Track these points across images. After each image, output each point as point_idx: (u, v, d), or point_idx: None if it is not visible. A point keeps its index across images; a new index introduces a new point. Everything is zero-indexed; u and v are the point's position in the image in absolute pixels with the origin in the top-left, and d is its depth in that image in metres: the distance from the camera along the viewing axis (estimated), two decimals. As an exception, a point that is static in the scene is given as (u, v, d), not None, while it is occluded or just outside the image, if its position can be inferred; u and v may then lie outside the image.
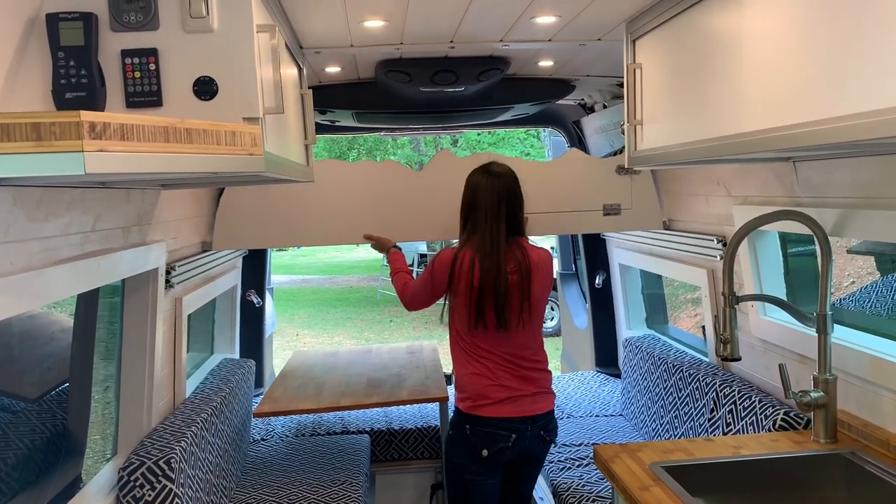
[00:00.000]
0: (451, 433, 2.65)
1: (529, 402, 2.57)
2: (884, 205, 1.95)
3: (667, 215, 3.35)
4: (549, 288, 2.67)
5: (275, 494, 2.95)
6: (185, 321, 2.85)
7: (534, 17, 2.17)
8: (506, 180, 2.56)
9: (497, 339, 2.56)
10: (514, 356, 2.57)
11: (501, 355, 2.56)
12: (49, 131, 1.05)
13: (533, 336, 2.62)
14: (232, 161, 1.43)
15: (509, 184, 2.56)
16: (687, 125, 1.95)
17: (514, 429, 2.54)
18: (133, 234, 2.32)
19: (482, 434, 2.54)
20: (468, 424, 2.56)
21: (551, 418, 2.64)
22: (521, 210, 2.60)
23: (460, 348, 2.63)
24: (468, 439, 2.56)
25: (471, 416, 2.55)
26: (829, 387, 2.10)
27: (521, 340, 2.58)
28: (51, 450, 2.35)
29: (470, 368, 2.58)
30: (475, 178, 2.60)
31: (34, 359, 2.44)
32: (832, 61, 1.32)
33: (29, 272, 1.62)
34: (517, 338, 2.57)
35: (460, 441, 2.59)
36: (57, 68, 1.43)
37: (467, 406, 2.57)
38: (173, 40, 1.52)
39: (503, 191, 2.54)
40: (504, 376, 2.55)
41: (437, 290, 2.65)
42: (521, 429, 2.55)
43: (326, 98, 3.15)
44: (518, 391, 2.55)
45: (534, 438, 2.59)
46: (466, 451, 2.57)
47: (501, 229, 2.53)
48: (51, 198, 1.71)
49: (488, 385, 2.54)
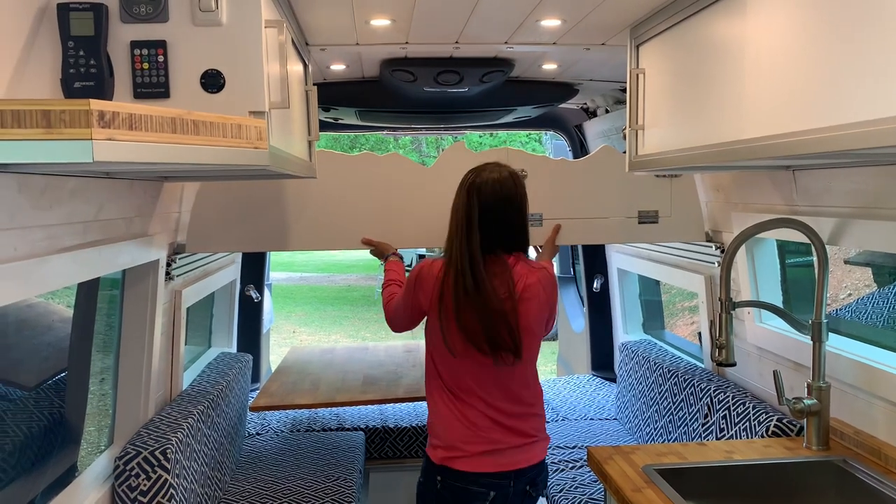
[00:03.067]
0: (421, 481, 2.29)
1: (515, 453, 2.20)
2: (881, 215, 1.97)
3: (710, 226, 2.96)
4: (545, 318, 2.27)
5: (269, 488, 2.96)
6: (184, 313, 2.86)
7: (539, 19, 2.19)
8: (494, 186, 2.18)
9: (479, 376, 2.18)
10: (501, 398, 2.19)
11: (483, 398, 2.18)
12: (59, 119, 1.07)
13: (523, 373, 2.23)
14: (237, 154, 1.44)
15: (501, 190, 2.18)
16: (688, 131, 1.96)
17: (493, 485, 2.18)
18: (135, 226, 2.33)
19: (454, 490, 2.19)
20: (439, 476, 2.20)
21: (541, 469, 2.27)
22: (515, 222, 2.21)
23: (435, 385, 2.25)
24: (438, 494, 2.21)
25: (443, 467, 2.19)
26: (823, 394, 2.11)
27: (509, 378, 2.19)
28: (47, 438, 2.36)
29: (445, 411, 2.21)
30: (469, 176, 2.25)
31: (32, 348, 2.45)
32: (834, 70, 1.34)
33: (32, 259, 1.64)
34: (504, 375, 2.18)
35: (429, 494, 2.24)
36: (66, 58, 1.45)
37: (440, 456, 2.20)
38: (182, 33, 1.54)
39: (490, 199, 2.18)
40: (486, 425, 2.18)
41: (415, 309, 2.28)
42: (503, 485, 2.19)
43: (330, 95, 3.15)
44: (500, 443, 2.18)
45: (517, 495, 2.22)
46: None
47: (474, 243, 2.15)
48: (55, 186, 1.72)
49: (466, 434, 2.17)
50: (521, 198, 2.22)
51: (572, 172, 2.96)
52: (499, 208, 2.18)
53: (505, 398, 2.20)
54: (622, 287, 4.06)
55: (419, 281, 2.23)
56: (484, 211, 2.17)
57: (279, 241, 2.86)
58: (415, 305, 2.27)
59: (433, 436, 2.25)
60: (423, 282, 2.23)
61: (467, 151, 2.90)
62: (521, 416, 2.22)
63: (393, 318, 2.39)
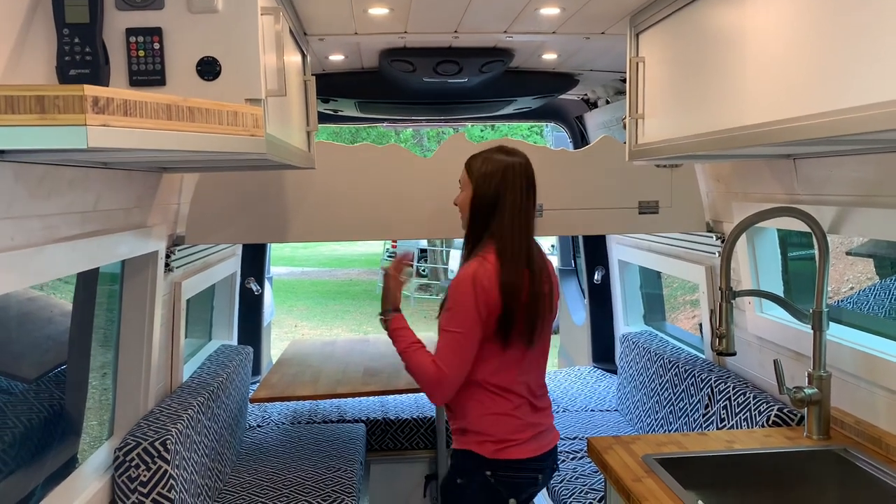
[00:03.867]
0: (461, 483, 2.16)
1: (549, 433, 2.23)
2: (881, 203, 1.96)
3: (711, 216, 2.95)
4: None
5: (269, 480, 2.97)
6: (183, 305, 2.86)
7: (538, 8, 2.18)
8: (529, 165, 2.15)
9: (521, 362, 2.15)
10: (531, 384, 2.19)
11: (521, 386, 2.16)
12: (53, 104, 1.06)
13: (544, 358, 2.26)
14: (233, 141, 1.43)
15: (531, 170, 2.16)
16: (688, 119, 1.95)
17: (540, 468, 2.19)
18: (134, 216, 2.33)
19: (509, 481, 2.14)
20: (489, 471, 2.13)
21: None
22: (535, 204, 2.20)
23: (476, 383, 2.13)
24: (492, 489, 2.13)
25: (496, 461, 2.12)
26: (823, 383, 2.11)
27: (536, 364, 2.21)
28: (48, 430, 2.36)
29: (493, 408, 2.13)
30: (497, 158, 2.14)
31: (32, 341, 2.46)
32: (833, 56, 1.33)
33: (30, 248, 1.63)
34: (533, 362, 2.19)
35: (479, 492, 2.14)
36: (62, 45, 1.44)
37: (491, 450, 2.12)
38: (178, 20, 1.53)
39: (531, 177, 2.14)
40: (527, 412, 2.17)
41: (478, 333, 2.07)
42: (545, 466, 2.21)
43: (330, 87, 3.14)
44: (539, 426, 2.19)
45: (550, 471, 2.26)
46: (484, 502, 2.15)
47: (531, 228, 2.13)
48: (53, 176, 1.72)
49: (515, 423, 2.14)
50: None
51: (572, 163, 2.95)
52: (532, 189, 2.17)
53: (535, 382, 2.21)
54: (623, 279, 4.05)
55: (480, 293, 2.05)
56: (533, 194, 2.16)
57: (279, 232, 2.86)
58: (479, 327, 2.06)
59: (478, 433, 2.14)
60: (486, 293, 2.06)
61: (467, 142, 2.89)
62: (543, 396, 2.25)
63: (440, 380, 2.08)
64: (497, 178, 2.12)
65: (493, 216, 2.12)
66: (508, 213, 2.11)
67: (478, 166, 2.17)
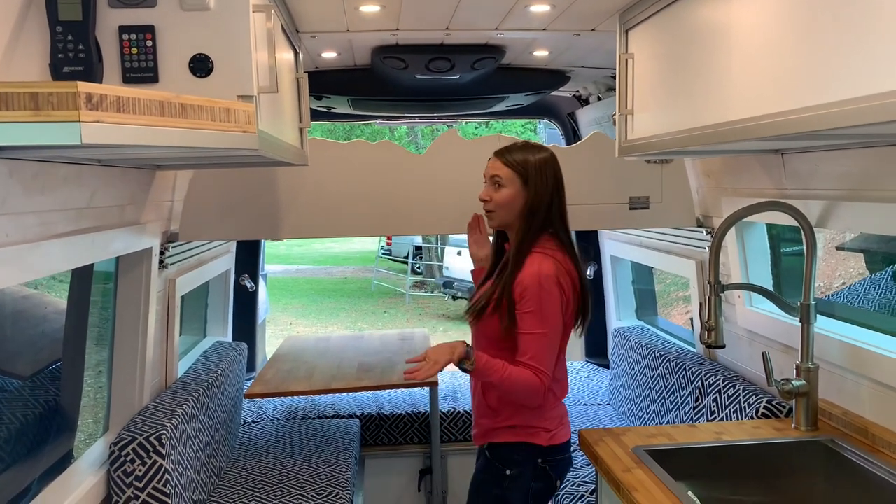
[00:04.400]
0: (511, 474, 2.20)
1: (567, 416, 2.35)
2: (867, 196, 1.99)
3: (701, 211, 2.99)
4: None
5: (265, 474, 2.99)
6: (178, 302, 2.88)
7: (528, 5, 2.20)
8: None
9: (562, 355, 2.27)
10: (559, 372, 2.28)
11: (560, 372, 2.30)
12: (47, 101, 1.08)
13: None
14: (226, 137, 1.45)
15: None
16: (676, 114, 1.97)
17: (571, 448, 2.33)
18: (128, 213, 2.34)
19: (558, 464, 2.25)
20: (541, 458, 2.21)
21: None
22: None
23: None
24: (545, 475, 2.22)
25: (549, 447, 2.21)
26: (811, 375, 2.14)
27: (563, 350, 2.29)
28: (43, 426, 2.38)
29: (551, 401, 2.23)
30: (542, 155, 2.20)
31: (27, 339, 2.47)
32: (818, 51, 1.35)
33: (25, 244, 1.65)
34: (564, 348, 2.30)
35: (531, 481, 2.21)
36: (55, 42, 1.45)
37: (546, 438, 2.21)
38: (170, 18, 1.55)
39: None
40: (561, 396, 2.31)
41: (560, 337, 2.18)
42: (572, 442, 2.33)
43: (322, 84, 3.15)
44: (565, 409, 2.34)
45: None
46: (542, 491, 2.24)
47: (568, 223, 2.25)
48: (47, 172, 1.73)
49: (562, 410, 2.30)
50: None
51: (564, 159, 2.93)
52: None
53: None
54: (615, 274, 4.08)
55: (564, 290, 2.13)
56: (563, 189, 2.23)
57: (272, 229, 2.88)
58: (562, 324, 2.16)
59: (532, 425, 2.20)
60: (567, 289, 2.14)
61: (459, 139, 2.92)
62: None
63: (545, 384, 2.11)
64: (551, 174, 2.19)
65: (551, 211, 2.18)
66: (563, 206, 2.21)
67: (532, 164, 2.18)
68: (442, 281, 13.97)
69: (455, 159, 2.80)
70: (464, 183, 2.65)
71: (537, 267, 2.10)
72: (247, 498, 2.79)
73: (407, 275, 15.45)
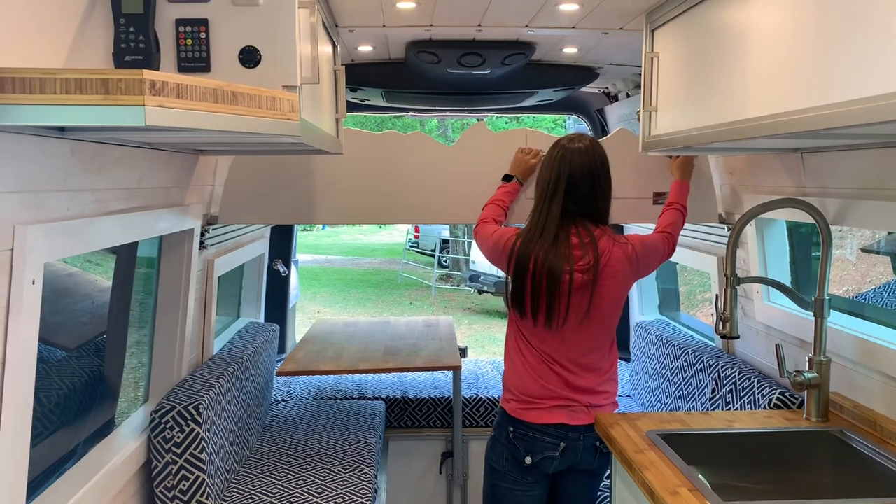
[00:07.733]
0: (493, 435, 2.46)
1: (584, 411, 2.35)
2: (884, 195, 2.04)
3: (724, 208, 3.01)
4: (628, 289, 2.44)
5: (293, 449, 3.12)
6: (215, 282, 3.02)
7: (557, 4, 2.28)
8: (583, 157, 2.35)
9: (546, 337, 2.35)
10: (569, 360, 2.35)
11: (557, 360, 2.35)
12: (116, 86, 1.20)
13: (596, 341, 2.38)
14: (271, 124, 1.57)
15: (583, 161, 2.34)
16: (698, 111, 2.05)
17: (563, 437, 2.34)
18: (172, 195, 2.48)
19: (526, 439, 2.35)
20: (511, 427, 2.38)
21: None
22: (600, 193, 2.36)
23: (513, 343, 2.43)
24: (511, 443, 2.38)
25: (515, 419, 2.37)
26: (823, 368, 2.20)
27: (578, 343, 2.35)
28: (87, 393, 2.52)
29: (518, 363, 2.39)
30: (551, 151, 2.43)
31: (72, 313, 2.62)
32: (835, 51, 1.40)
33: (82, 219, 1.78)
34: (574, 339, 2.34)
35: (501, 445, 2.41)
36: (118, 34, 1.58)
37: (513, 408, 2.38)
38: (223, 12, 1.67)
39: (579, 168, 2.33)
40: (554, 380, 2.34)
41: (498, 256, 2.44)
42: (573, 437, 2.34)
43: (357, 76, 3.25)
44: (571, 401, 2.35)
45: (587, 450, 2.36)
46: (508, 456, 2.39)
47: (554, 212, 2.32)
48: (104, 153, 1.86)
49: (537, 387, 2.35)
50: (606, 167, 2.40)
51: None
52: (587, 177, 2.35)
53: (572, 361, 2.35)
54: (639, 269, 4.13)
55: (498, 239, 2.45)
56: (572, 181, 2.34)
57: (307, 214, 2.98)
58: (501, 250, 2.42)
59: (506, 389, 2.44)
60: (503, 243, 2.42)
61: (487, 131, 2.99)
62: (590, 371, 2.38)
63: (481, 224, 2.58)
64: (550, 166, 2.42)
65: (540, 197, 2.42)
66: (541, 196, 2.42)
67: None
68: (468, 275, 14.07)
69: (483, 151, 2.88)
70: (491, 174, 2.74)
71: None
72: (276, 470, 2.92)
73: (434, 268, 15.57)
